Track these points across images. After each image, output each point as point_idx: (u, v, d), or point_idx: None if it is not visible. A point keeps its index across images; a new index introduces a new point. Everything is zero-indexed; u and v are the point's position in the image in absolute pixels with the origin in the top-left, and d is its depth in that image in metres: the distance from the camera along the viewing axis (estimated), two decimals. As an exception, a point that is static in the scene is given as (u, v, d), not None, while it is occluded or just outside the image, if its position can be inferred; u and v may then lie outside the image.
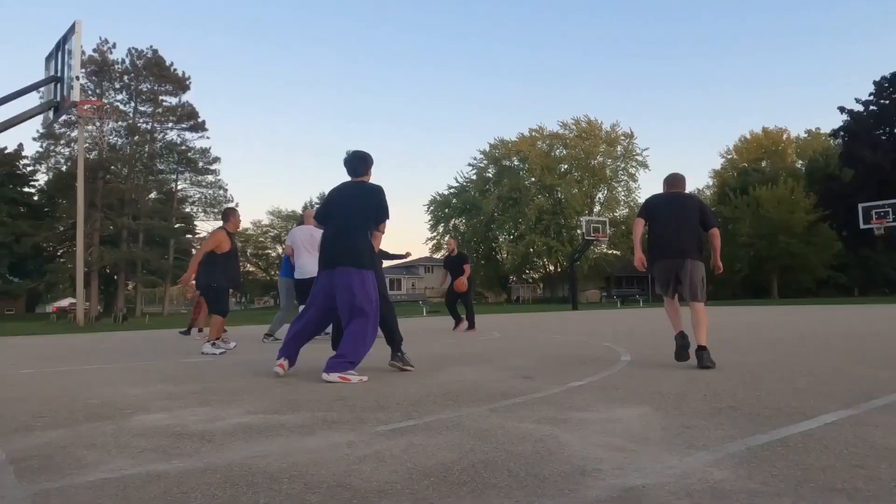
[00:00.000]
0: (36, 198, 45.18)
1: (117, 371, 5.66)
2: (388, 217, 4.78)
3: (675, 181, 5.56)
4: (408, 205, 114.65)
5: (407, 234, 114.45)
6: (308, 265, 7.96)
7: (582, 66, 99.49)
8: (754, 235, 44.64)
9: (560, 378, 4.38)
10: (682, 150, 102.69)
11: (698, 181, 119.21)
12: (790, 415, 2.89)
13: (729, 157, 60.26)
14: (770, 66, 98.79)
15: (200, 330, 11.12)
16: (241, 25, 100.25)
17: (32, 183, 45.11)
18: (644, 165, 55.07)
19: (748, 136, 58.87)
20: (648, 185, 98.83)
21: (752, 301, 34.89)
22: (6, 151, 42.02)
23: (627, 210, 54.54)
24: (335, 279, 4.57)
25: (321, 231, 5.02)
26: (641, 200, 55.52)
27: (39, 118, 8.88)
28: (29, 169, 44.35)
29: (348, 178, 4.94)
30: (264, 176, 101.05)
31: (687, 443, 2.39)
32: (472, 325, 10.83)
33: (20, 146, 43.73)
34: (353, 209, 4.67)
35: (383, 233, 4.90)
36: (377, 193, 4.78)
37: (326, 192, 4.86)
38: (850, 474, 1.96)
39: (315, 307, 4.74)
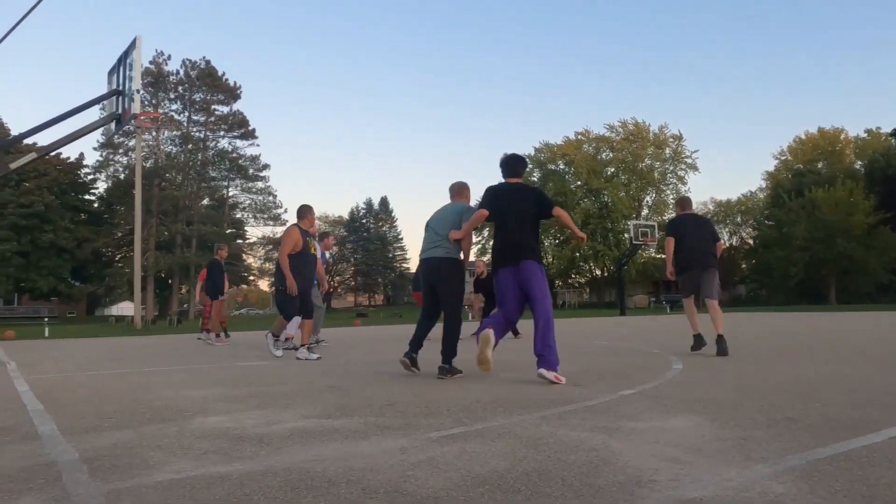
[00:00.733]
0: (96, 205, 46.97)
1: (175, 374, 5.86)
2: (553, 205, 4.98)
3: (687, 203, 7.39)
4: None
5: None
6: None
7: (628, 67, 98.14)
8: (810, 239, 43.16)
9: (610, 386, 4.35)
10: (733, 151, 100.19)
11: (751, 184, 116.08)
12: (852, 428, 2.81)
13: (783, 158, 58.47)
14: (825, 65, 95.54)
15: (209, 332, 11.27)
16: (290, 34, 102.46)
17: (93, 191, 46.93)
18: (694, 168, 53.93)
19: (803, 137, 57.01)
20: (699, 188, 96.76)
21: (807, 307, 33.73)
22: (69, 161, 43.84)
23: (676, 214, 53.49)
24: (521, 273, 4.78)
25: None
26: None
27: (100, 129, 9.26)
28: (90, 177, 46.18)
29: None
30: (312, 182, 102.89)
31: (744, 455, 2.35)
32: (516, 331, 10.82)
33: (81, 156, 45.61)
34: (525, 209, 4.89)
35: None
36: (540, 193, 5.11)
37: (484, 190, 5.05)
38: (918, 491, 1.90)
39: (509, 303, 4.90)
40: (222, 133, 47.06)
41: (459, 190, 5.53)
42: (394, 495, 1.94)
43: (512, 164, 5.16)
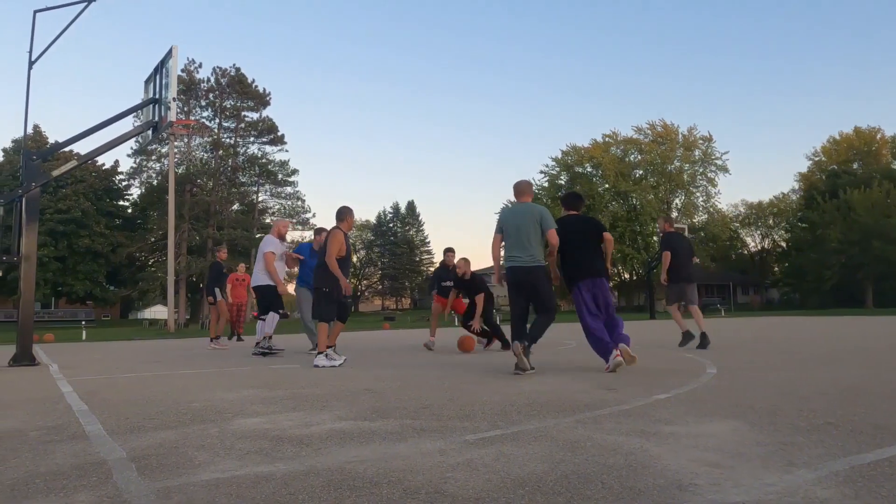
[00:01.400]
0: (130, 210, 47.94)
1: (212, 376, 5.97)
2: (605, 230, 6.11)
3: (672, 220, 9.62)
4: (478, 213, 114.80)
5: (478, 243, 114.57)
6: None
7: (656, 69, 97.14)
8: (845, 241, 42.24)
9: (644, 390, 4.32)
10: (765, 152, 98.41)
11: (783, 185, 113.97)
12: (896, 433, 2.76)
13: (816, 159, 57.30)
14: (861, 63, 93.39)
15: (217, 338, 11.32)
16: (318, 40, 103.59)
17: (127, 196, 47.91)
18: (724, 170, 53.13)
19: (837, 137, 55.82)
20: (729, 190, 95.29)
21: (842, 310, 32.99)
22: (104, 168, 44.87)
23: (706, 216, 52.75)
24: (597, 287, 5.85)
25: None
26: (721, 206, 53.24)
27: (135, 136, 9.50)
28: (124, 184, 47.15)
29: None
30: (339, 186, 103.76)
31: (786, 460, 2.33)
32: (504, 343, 9.10)
33: (116, 162, 46.63)
34: (590, 236, 6.02)
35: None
36: (599, 224, 6.21)
37: (559, 221, 5.98)
38: (968, 498, 1.87)
39: (595, 311, 5.85)
40: (252, 139, 47.69)
41: (527, 189, 5.98)
42: (435, 496, 1.97)
43: (571, 200, 6.48)
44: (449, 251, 9.56)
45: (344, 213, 7.07)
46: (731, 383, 4.64)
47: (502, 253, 5.84)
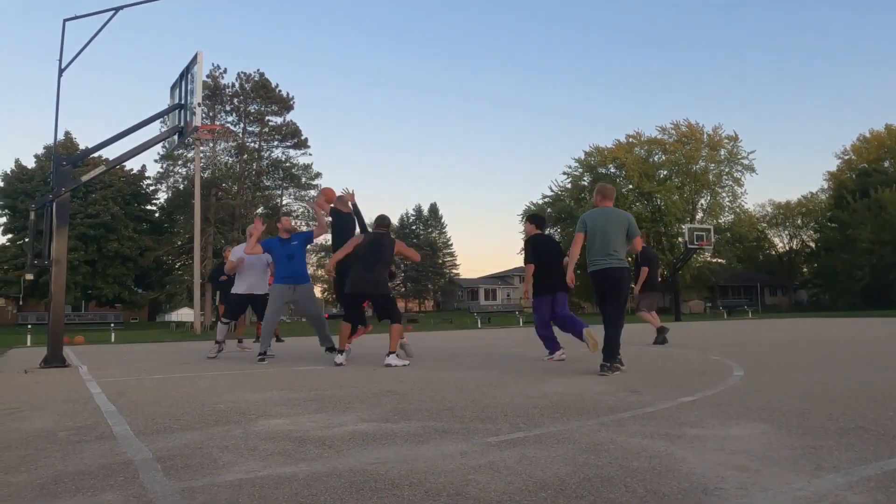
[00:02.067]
0: (157, 215, 48.70)
1: (236, 377, 6.03)
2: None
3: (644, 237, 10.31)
4: (501, 215, 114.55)
5: (502, 245, 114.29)
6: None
7: (680, 67, 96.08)
8: (876, 241, 41.32)
9: (669, 392, 4.27)
10: (793, 151, 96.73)
11: (811, 184, 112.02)
12: (930, 437, 2.69)
13: (846, 157, 56.21)
14: (890, 59, 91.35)
15: (240, 341, 11.36)
16: (340, 43, 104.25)
17: (154, 201, 48.68)
18: (751, 169, 52.32)
19: (868, 135, 54.69)
20: (756, 190, 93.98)
21: (874, 312, 32.27)
22: (132, 173, 45.67)
23: (733, 216, 51.99)
24: (557, 301, 7.18)
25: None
26: (748, 206, 52.27)
27: (162, 141, 9.65)
28: (151, 188, 47.92)
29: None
30: (362, 188, 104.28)
31: (815, 464, 2.28)
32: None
33: (143, 167, 47.38)
34: (561, 256, 7.32)
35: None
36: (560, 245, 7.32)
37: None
38: None
39: (549, 320, 7.13)
40: (276, 143, 48.16)
41: (611, 193, 6.07)
42: (456, 498, 1.96)
43: (539, 221, 7.75)
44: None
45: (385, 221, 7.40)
46: (759, 386, 4.57)
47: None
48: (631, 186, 52.35)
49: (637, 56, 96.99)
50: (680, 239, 42.44)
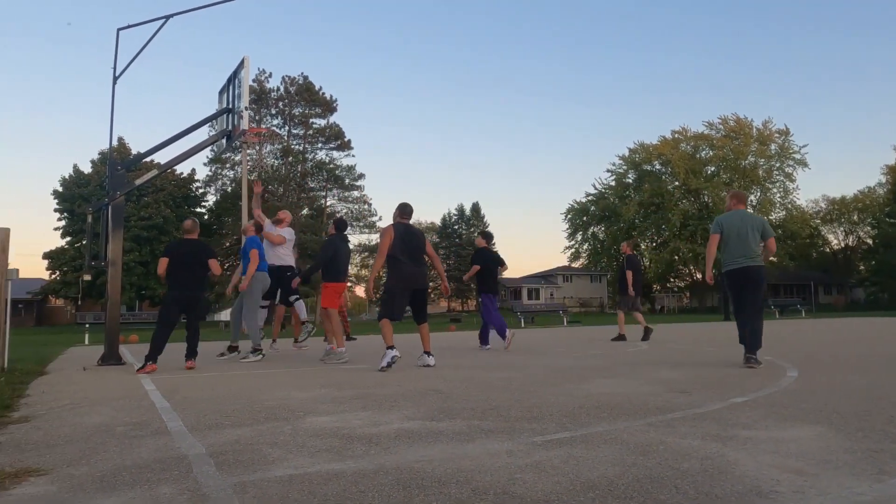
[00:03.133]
0: (206, 217, 49.95)
1: (284, 375, 6.14)
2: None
3: (632, 244, 12.44)
4: (544, 213, 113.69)
5: (545, 244, 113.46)
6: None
7: (727, 60, 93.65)
8: (940, 236, 39.60)
9: (720, 393, 4.17)
10: (847, 144, 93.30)
11: (868, 179, 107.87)
12: None
13: (906, 150, 53.97)
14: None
15: (296, 340, 11.34)
16: (382, 44, 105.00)
17: (203, 203, 49.96)
18: (803, 164, 50.76)
19: (929, 126, 52.39)
20: (809, 185, 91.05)
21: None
22: (182, 176, 46.97)
23: (784, 213, 50.51)
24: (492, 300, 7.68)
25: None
26: (800, 202, 50.67)
27: (211, 145, 9.92)
28: (200, 191, 49.22)
29: None
30: (404, 188, 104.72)
31: (877, 468, 2.20)
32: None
33: (193, 171, 48.68)
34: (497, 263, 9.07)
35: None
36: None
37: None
38: None
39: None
40: (320, 145, 48.88)
41: (745, 198, 6.64)
42: (503, 497, 1.96)
43: (487, 236, 10.57)
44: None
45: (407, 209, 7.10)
46: (814, 387, 4.42)
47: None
48: (677, 183, 51.35)
49: (683, 49, 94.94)
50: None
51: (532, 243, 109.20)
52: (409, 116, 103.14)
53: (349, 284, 51.04)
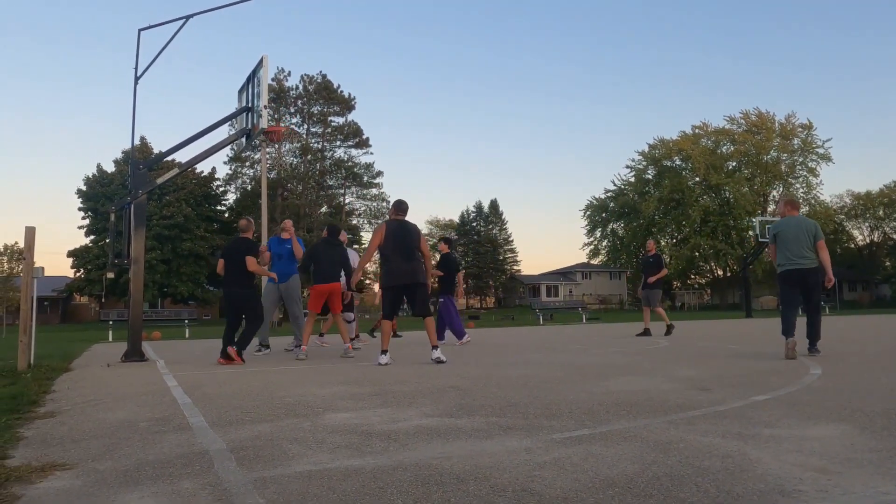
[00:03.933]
0: (227, 215, 50.41)
1: (303, 372, 6.18)
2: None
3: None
4: (563, 210, 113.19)
5: (563, 240, 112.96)
6: None
7: (748, 54, 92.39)
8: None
9: (741, 391, 4.13)
10: (872, 138, 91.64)
11: (894, 173, 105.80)
12: None
13: (933, 143, 52.85)
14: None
15: (322, 335, 11.37)
16: (400, 42, 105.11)
17: (224, 202, 50.43)
18: (827, 158, 50.02)
19: (958, 119, 51.27)
20: (833, 180, 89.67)
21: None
22: (203, 175, 47.44)
23: (808, 208, 49.77)
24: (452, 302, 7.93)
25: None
26: (823, 197, 50.05)
27: (231, 144, 10.02)
28: (221, 189, 49.67)
29: None
30: (422, 186, 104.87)
31: (902, 467, 2.16)
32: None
33: (213, 170, 49.16)
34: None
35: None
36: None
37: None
38: None
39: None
40: (338, 143, 49.08)
41: (798, 204, 7.16)
42: (522, 494, 1.95)
43: (450, 242, 10.63)
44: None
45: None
46: (838, 385, 4.36)
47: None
48: (697, 179, 50.84)
49: (704, 44, 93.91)
50: (750, 232, 40.90)
51: (551, 240, 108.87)
52: (428, 114, 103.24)
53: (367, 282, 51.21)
